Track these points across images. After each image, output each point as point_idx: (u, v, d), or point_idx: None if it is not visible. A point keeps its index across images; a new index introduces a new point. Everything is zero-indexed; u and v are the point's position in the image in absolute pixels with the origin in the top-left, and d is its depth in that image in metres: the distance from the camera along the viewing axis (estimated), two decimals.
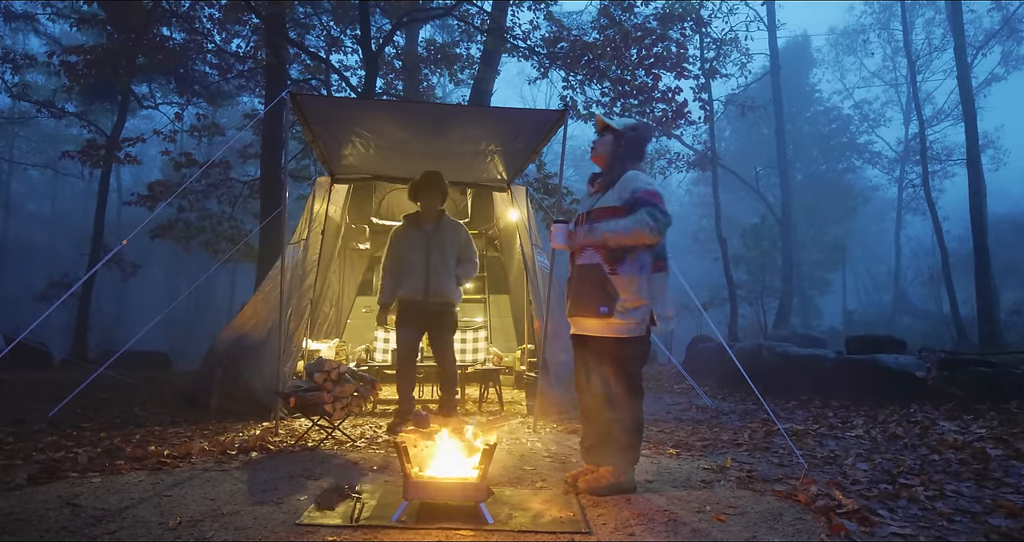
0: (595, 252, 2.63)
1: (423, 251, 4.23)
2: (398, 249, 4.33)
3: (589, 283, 2.60)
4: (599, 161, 2.81)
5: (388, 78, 13.11)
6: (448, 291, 4.23)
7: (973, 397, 5.10)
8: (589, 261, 2.64)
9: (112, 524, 2.14)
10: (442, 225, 4.35)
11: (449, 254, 4.27)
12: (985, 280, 12.99)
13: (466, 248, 4.40)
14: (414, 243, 4.27)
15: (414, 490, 2.26)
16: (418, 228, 4.32)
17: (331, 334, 7.12)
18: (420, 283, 4.16)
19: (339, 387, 3.63)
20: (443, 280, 4.20)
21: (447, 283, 4.22)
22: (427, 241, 4.26)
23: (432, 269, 4.18)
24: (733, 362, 4.28)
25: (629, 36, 10.81)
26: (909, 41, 21.75)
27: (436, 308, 4.20)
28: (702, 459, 3.38)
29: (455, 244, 4.34)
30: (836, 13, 41.02)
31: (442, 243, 4.26)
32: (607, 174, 2.75)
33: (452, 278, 4.27)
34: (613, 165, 2.75)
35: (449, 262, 4.26)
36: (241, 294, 24.32)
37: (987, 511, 2.36)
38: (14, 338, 4.71)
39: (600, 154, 2.80)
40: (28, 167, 26.15)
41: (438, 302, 4.20)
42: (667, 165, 17.47)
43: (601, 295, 2.56)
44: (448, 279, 4.23)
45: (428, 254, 4.21)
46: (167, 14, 10.91)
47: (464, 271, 4.37)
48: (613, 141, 2.76)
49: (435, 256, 4.21)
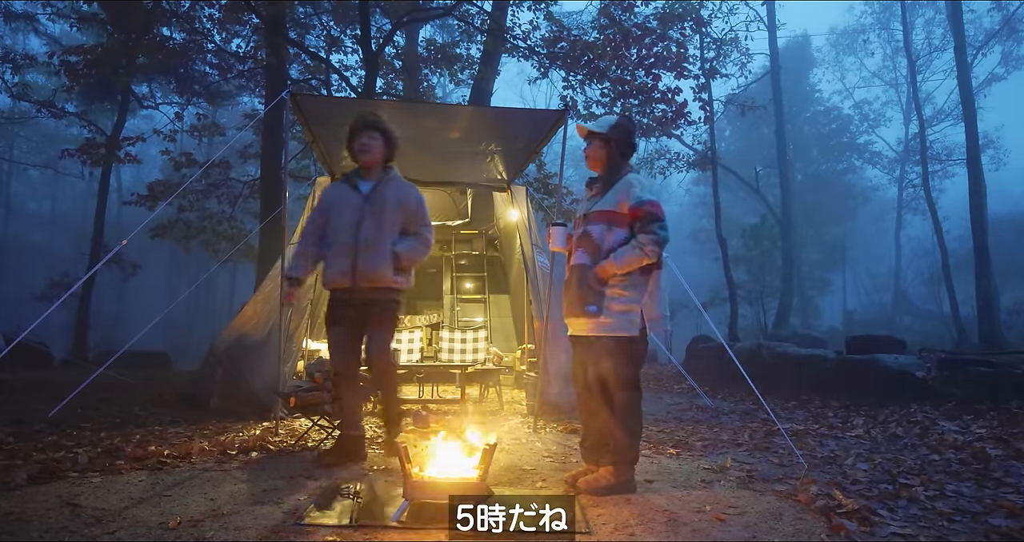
0: (585, 253, 2.67)
1: (353, 219, 3.14)
2: (324, 213, 3.29)
3: (578, 282, 2.65)
4: (596, 167, 2.83)
5: (388, 78, 13.10)
6: (382, 273, 3.10)
7: (973, 397, 5.11)
8: (579, 261, 2.69)
9: (112, 524, 2.14)
10: (383, 184, 3.23)
11: (388, 224, 3.17)
12: (985, 280, 13.00)
13: (415, 217, 3.28)
14: (343, 208, 3.20)
15: (414, 490, 2.26)
16: (351, 187, 3.25)
17: None
18: (346, 263, 3.09)
19: None
20: (375, 258, 3.09)
21: (380, 262, 3.10)
22: (360, 205, 3.17)
23: (362, 244, 3.09)
24: (733, 362, 4.28)
25: (629, 36, 10.81)
26: (909, 41, 21.77)
27: (366, 296, 3.13)
28: (702, 459, 3.38)
29: (400, 211, 3.22)
30: (836, 13, 41.07)
31: (380, 208, 3.17)
32: (605, 177, 2.78)
33: (388, 256, 3.14)
34: (609, 167, 2.78)
35: (386, 235, 3.15)
36: (241, 294, 24.31)
37: (987, 511, 2.36)
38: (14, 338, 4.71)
39: (595, 160, 2.82)
40: (28, 167, 26.16)
41: (368, 288, 3.12)
42: (667, 165, 17.46)
43: (590, 295, 2.59)
44: (382, 257, 3.11)
45: (359, 223, 3.13)
46: (167, 14, 10.90)
47: (408, 248, 3.21)
48: (602, 145, 2.79)
49: (368, 226, 3.13)
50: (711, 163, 16.64)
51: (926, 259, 27.73)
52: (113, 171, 15.89)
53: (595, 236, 2.66)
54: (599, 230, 2.66)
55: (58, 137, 25.54)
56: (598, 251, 2.63)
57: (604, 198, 2.71)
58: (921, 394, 5.40)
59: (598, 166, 2.81)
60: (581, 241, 2.72)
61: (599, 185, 2.78)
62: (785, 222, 18.76)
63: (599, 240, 2.65)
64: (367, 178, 3.25)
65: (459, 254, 8.32)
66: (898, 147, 29.10)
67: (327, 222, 3.26)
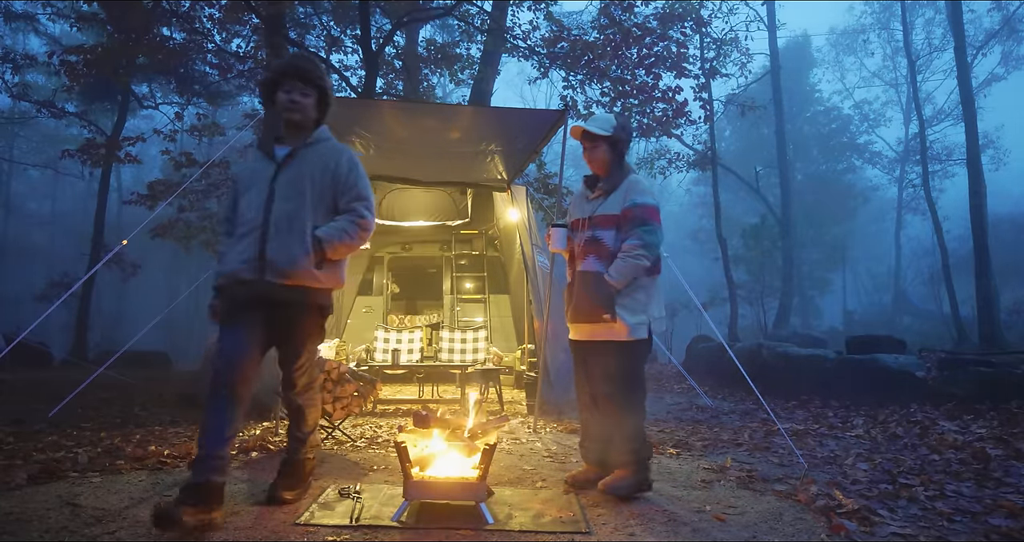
0: (598, 259, 2.64)
1: (262, 193, 2.37)
2: (234, 191, 2.53)
3: (593, 290, 2.60)
4: (600, 169, 2.79)
5: (388, 78, 13.10)
6: (297, 265, 2.32)
7: (973, 397, 5.11)
8: (591, 268, 2.64)
9: (112, 524, 2.14)
10: (305, 149, 2.46)
11: (310, 199, 2.40)
12: (985, 280, 12.99)
13: (347, 188, 2.46)
14: (252, 180, 2.44)
15: (414, 490, 2.26)
16: (264, 154, 2.48)
17: (331, 334, 7.12)
18: (251, 249, 2.32)
19: (339, 387, 3.63)
20: (289, 245, 2.32)
21: (296, 250, 2.33)
22: (271, 176, 2.40)
23: (274, 225, 2.33)
24: (733, 362, 4.28)
25: (629, 36, 10.80)
26: (909, 41, 21.75)
27: (276, 295, 2.33)
28: (702, 459, 3.38)
29: (328, 181, 2.44)
30: (836, 13, 41.01)
31: (298, 178, 2.39)
32: (609, 179, 2.74)
33: (309, 242, 2.35)
34: (613, 169, 2.75)
35: (305, 213, 2.37)
36: None
37: (987, 511, 2.36)
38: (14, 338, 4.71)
39: (600, 162, 2.78)
40: (28, 167, 26.15)
41: (281, 285, 2.33)
42: (667, 165, 17.45)
43: (605, 302, 2.57)
44: (298, 243, 2.33)
45: (271, 199, 2.36)
46: (167, 14, 10.90)
47: (334, 231, 2.39)
48: (609, 148, 2.75)
49: (282, 203, 2.36)
50: (711, 163, 16.64)
51: (926, 259, 27.73)
52: (113, 171, 15.89)
53: (607, 242, 2.64)
54: (610, 236, 2.64)
55: (58, 137, 25.53)
56: (612, 258, 2.61)
57: (609, 201, 2.68)
58: (921, 394, 5.40)
59: (603, 169, 2.77)
60: (591, 247, 2.67)
61: (603, 186, 2.74)
62: (785, 222, 18.76)
63: (612, 247, 2.63)
64: (287, 142, 2.48)
65: (459, 254, 8.33)
66: (898, 147, 29.12)
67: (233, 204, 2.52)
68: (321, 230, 2.38)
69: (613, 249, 2.62)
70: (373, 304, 8.17)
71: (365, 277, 8.16)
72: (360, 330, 7.57)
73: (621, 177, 2.71)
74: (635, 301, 2.60)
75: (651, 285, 2.65)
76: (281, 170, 2.42)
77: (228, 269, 2.39)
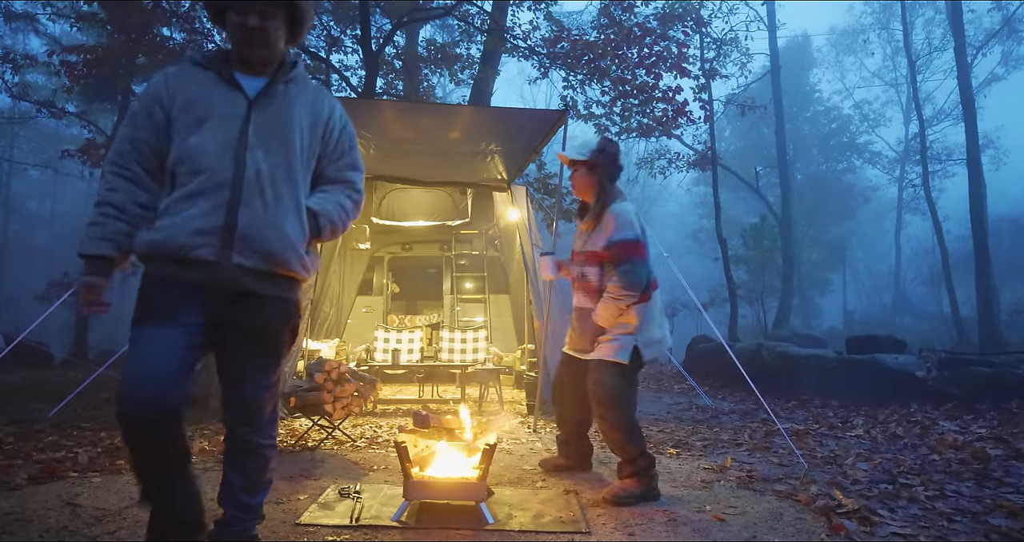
0: (586, 296, 2.76)
1: (228, 135, 1.68)
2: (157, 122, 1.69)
3: (583, 326, 2.76)
4: (583, 194, 2.83)
5: (388, 78, 13.10)
6: (291, 245, 1.70)
7: (973, 397, 5.11)
8: (582, 304, 2.79)
9: (112, 524, 2.14)
10: (286, 85, 1.78)
11: (298, 155, 1.75)
12: (985, 280, 12.99)
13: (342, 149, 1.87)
14: (208, 109, 1.69)
15: (414, 490, 2.26)
16: (223, 80, 1.73)
17: (331, 334, 7.13)
18: (213, 216, 1.63)
19: (339, 387, 3.63)
20: (277, 216, 1.69)
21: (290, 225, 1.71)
22: (244, 115, 1.71)
23: (250, 184, 1.66)
24: (733, 362, 4.28)
25: (629, 35, 10.80)
26: (909, 41, 21.73)
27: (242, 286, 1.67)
28: (702, 459, 3.38)
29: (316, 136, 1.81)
30: (836, 13, 41.07)
31: (284, 125, 1.74)
32: (594, 205, 2.76)
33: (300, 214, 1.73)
34: (598, 194, 2.77)
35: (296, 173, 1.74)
36: None
37: (987, 511, 2.36)
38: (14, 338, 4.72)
39: (582, 188, 2.82)
40: (28, 167, 26.16)
41: (257, 272, 1.68)
42: (667, 165, 17.45)
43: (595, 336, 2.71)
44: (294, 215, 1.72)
45: (243, 146, 1.67)
46: (167, 14, 10.90)
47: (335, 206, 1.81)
48: (588, 172, 2.78)
49: (262, 155, 1.69)
50: (711, 163, 16.62)
51: (926, 259, 27.75)
52: None
53: (593, 280, 2.72)
54: (595, 274, 2.72)
55: (58, 137, 25.54)
56: (598, 293, 2.69)
57: (594, 237, 2.72)
58: (921, 394, 5.40)
59: (586, 194, 2.80)
60: (580, 283, 2.79)
61: (590, 217, 2.78)
62: (785, 222, 18.76)
63: (597, 284, 2.71)
64: (256, 70, 1.74)
65: (459, 254, 8.33)
66: (898, 147, 29.12)
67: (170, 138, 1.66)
68: (315, 202, 1.74)
69: (599, 286, 2.70)
70: (373, 304, 8.17)
71: (365, 277, 8.16)
72: (360, 330, 7.57)
73: (603, 205, 2.71)
74: (623, 326, 2.64)
75: (642, 309, 2.65)
76: (256, 108, 1.68)
77: (168, 240, 1.58)
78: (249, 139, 1.66)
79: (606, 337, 2.65)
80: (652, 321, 2.66)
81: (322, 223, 1.74)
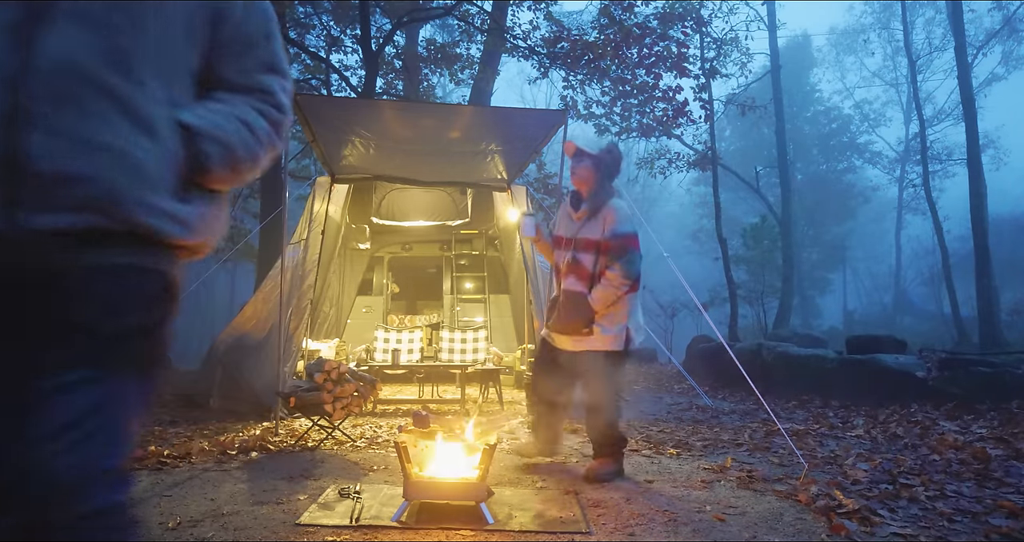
0: (578, 280, 2.86)
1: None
2: None
3: (575, 308, 2.82)
4: (582, 186, 2.95)
5: (388, 78, 13.10)
6: (129, 178, 0.82)
7: (974, 397, 5.10)
8: (574, 288, 2.87)
9: None
10: None
11: (153, 32, 0.88)
12: (986, 280, 12.98)
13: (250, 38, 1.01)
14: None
15: (414, 490, 2.26)
16: None
17: (331, 334, 7.13)
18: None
19: (339, 387, 3.63)
20: (109, 131, 0.81)
21: (128, 143, 0.82)
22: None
23: (52, 79, 0.79)
24: (733, 362, 4.27)
25: (629, 36, 10.80)
26: (909, 41, 21.71)
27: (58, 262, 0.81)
28: (702, 459, 3.38)
29: (197, 16, 0.94)
30: (836, 13, 41.10)
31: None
32: (591, 199, 2.90)
33: (159, 131, 0.87)
34: (596, 189, 2.90)
35: (141, 66, 0.86)
36: (241, 294, 24.30)
37: (988, 511, 2.36)
38: None
39: (583, 180, 2.94)
40: None
41: (78, 233, 0.80)
42: (667, 165, 17.44)
43: (586, 319, 2.81)
44: (137, 129, 0.84)
45: (38, 16, 0.79)
46: None
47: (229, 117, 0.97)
48: (593, 166, 2.91)
49: (74, 32, 0.81)
50: (711, 163, 16.60)
51: (926, 259, 27.73)
52: None
53: (587, 265, 2.84)
54: (590, 260, 2.84)
55: None
56: (591, 279, 2.83)
57: (590, 224, 2.86)
58: (921, 394, 5.40)
59: (585, 186, 2.93)
60: (573, 268, 2.88)
61: (586, 207, 2.89)
62: (785, 222, 18.75)
63: (591, 269, 2.83)
64: None
65: (459, 254, 8.33)
66: (898, 147, 29.12)
67: None
68: (195, 115, 0.94)
69: (592, 272, 2.83)
70: (373, 304, 8.17)
71: (365, 277, 8.16)
72: (360, 330, 7.58)
73: (603, 200, 2.86)
74: (614, 315, 2.82)
75: (632, 297, 2.86)
76: None
77: None
78: (48, 13, 0.81)
79: (597, 328, 2.80)
80: (637, 308, 2.90)
81: (206, 147, 0.93)
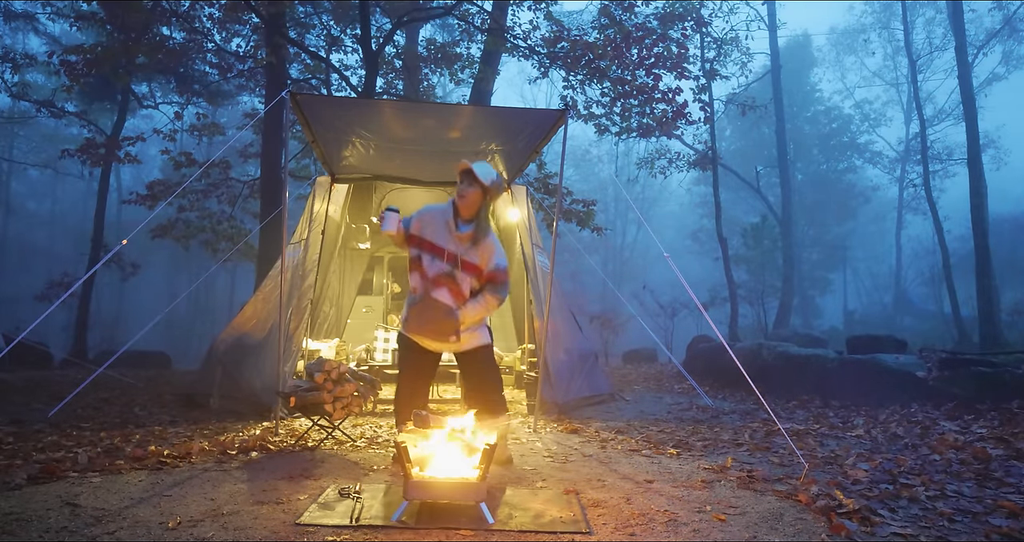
0: (450, 295, 3.02)
1: None
2: None
3: (444, 319, 3.00)
4: (468, 211, 3.06)
5: (388, 78, 13.10)
6: None
7: (974, 397, 5.10)
8: (446, 300, 3.06)
9: (112, 524, 2.14)
10: None
11: None
12: (986, 280, 12.99)
13: None
14: None
15: (414, 490, 2.26)
16: None
17: (331, 334, 7.12)
18: None
19: (339, 387, 3.63)
20: None
21: None
22: None
23: None
24: (733, 362, 4.27)
25: (629, 36, 10.79)
26: (910, 41, 21.72)
27: None
28: (702, 459, 3.38)
29: None
30: (837, 13, 41.01)
31: None
32: (477, 228, 3.06)
33: None
34: (481, 217, 3.08)
35: None
36: (241, 294, 24.31)
37: (988, 511, 2.36)
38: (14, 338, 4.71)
39: (472, 204, 3.05)
40: (28, 167, 26.17)
41: None
42: (667, 165, 17.44)
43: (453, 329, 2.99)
44: None
45: None
46: (167, 14, 10.90)
47: None
48: (483, 194, 3.05)
49: None
50: (711, 163, 16.61)
51: (927, 259, 27.73)
52: (113, 171, 15.89)
53: (463, 286, 3.05)
54: (467, 282, 3.05)
55: (58, 137, 25.53)
56: (463, 298, 3.04)
57: (473, 251, 3.05)
58: (922, 394, 5.40)
59: (471, 212, 3.06)
60: (449, 283, 3.04)
61: (470, 233, 3.05)
62: (785, 222, 18.76)
63: (465, 291, 3.04)
64: None
65: None
66: (899, 147, 29.13)
67: None
68: None
69: (465, 292, 3.04)
70: (373, 304, 8.17)
71: (365, 277, 8.15)
72: (360, 330, 7.57)
73: (484, 232, 3.06)
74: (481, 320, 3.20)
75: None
76: None
77: None
78: None
79: (477, 332, 3.12)
80: None
81: None
